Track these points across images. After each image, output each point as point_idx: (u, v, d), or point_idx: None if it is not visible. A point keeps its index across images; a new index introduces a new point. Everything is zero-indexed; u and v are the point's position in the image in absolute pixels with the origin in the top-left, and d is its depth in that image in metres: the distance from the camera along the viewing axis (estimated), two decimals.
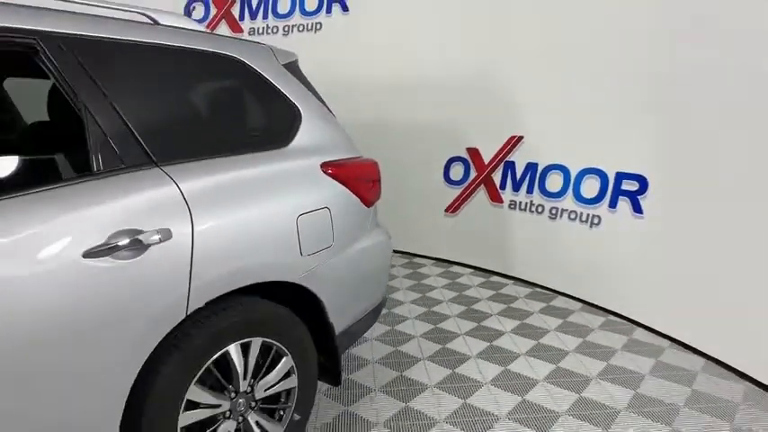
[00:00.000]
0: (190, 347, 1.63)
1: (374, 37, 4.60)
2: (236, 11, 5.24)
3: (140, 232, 1.46)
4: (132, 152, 1.56)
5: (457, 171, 4.46)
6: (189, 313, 1.60)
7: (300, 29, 5.02)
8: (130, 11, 1.85)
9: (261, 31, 5.12)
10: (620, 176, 3.38)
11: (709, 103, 2.81)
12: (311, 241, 1.97)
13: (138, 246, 1.45)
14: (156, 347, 1.54)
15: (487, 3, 4.02)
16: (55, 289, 1.32)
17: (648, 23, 3.14)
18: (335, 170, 2.13)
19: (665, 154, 3.11)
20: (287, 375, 1.98)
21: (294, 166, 2.01)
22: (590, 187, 3.59)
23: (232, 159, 1.83)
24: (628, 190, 3.35)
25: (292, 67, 2.24)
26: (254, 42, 2.14)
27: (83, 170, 1.47)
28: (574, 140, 3.65)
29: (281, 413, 2.01)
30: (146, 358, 1.52)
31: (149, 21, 1.87)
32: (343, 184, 2.15)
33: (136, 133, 1.58)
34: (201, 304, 1.63)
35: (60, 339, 1.33)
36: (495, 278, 4.29)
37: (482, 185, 4.32)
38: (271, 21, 5.13)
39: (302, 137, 2.10)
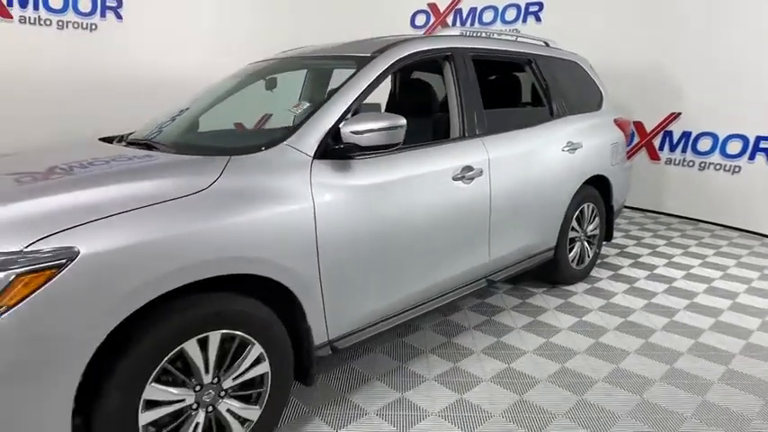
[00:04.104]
0: (577, 201, 3.56)
1: (564, 39, 6.37)
2: (449, 19, 7.19)
3: (573, 143, 3.41)
4: (561, 108, 3.50)
5: None
6: (582, 184, 3.52)
7: (499, 34, 6.87)
8: (538, 39, 3.77)
9: (467, 34, 7.02)
10: (759, 138, 5.10)
11: None
12: (613, 158, 3.87)
13: (574, 147, 3.40)
14: (577, 190, 3.47)
15: (658, 6, 5.72)
16: (552, 165, 3.27)
17: None
18: (619, 122, 4.03)
19: None
20: (596, 227, 3.90)
21: (605, 120, 3.92)
22: (734, 147, 5.33)
23: (585, 114, 3.74)
24: (765, 147, 5.08)
25: (592, 67, 4.14)
26: (579, 54, 4.04)
27: (551, 116, 3.43)
28: (723, 114, 5.38)
29: (593, 244, 3.92)
30: (573, 196, 3.45)
31: (544, 44, 3.80)
32: (622, 130, 4.04)
33: (563, 100, 3.53)
34: (583, 181, 3.55)
35: (546, 188, 3.27)
36: (650, 213, 6.09)
37: (643, 148, 6.11)
38: (477, 27, 7.04)
39: (604, 105, 4.00)
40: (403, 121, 2.10)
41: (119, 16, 5.54)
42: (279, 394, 2.02)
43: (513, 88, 3.64)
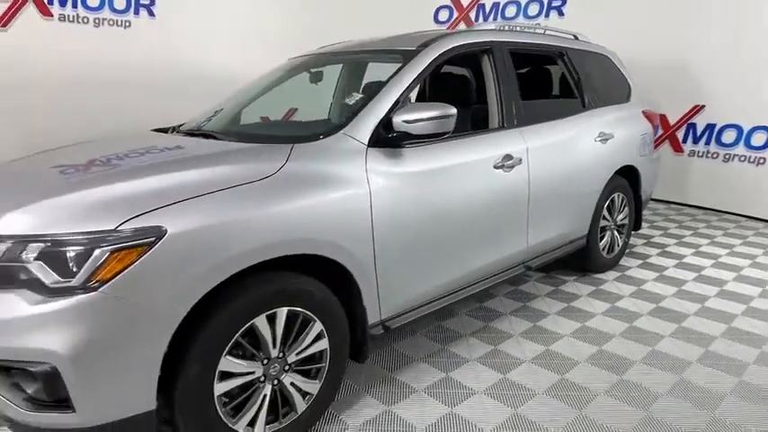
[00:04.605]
0: (608, 191, 3.64)
1: (587, 33, 6.43)
2: (472, 14, 7.25)
3: (605, 134, 3.48)
4: (593, 100, 3.58)
5: None
6: (612, 174, 3.60)
7: (522, 27, 6.94)
8: (567, 32, 3.84)
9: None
10: None
11: None
12: (641, 149, 3.93)
13: (606, 138, 3.48)
14: (608, 180, 3.55)
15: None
16: (586, 155, 3.35)
17: None
18: (647, 114, 4.09)
19: None
20: (625, 217, 3.97)
21: (633, 111, 3.98)
22: (759, 138, 5.35)
23: (615, 106, 3.81)
24: None
25: (620, 59, 4.20)
26: (607, 47, 4.10)
27: (583, 107, 3.50)
28: (748, 107, 5.40)
29: (622, 233, 3.99)
30: (604, 186, 3.53)
31: (573, 37, 3.87)
32: (650, 122, 4.10)
33: (594, 92, 3.60)
34: (614, 171, 3.62)
35: (580, 177, 3.35)
36: (674, 205, 6.13)
37: (666, 140, 6.14)
38: (499, 21, 7.10)
39: (633, 97, 4.07)
40: (453, 110, 2.20)
41: (151, 14, 5.68)
42: (336, 370, 2.13)
43: (546, 80, 3.72)
